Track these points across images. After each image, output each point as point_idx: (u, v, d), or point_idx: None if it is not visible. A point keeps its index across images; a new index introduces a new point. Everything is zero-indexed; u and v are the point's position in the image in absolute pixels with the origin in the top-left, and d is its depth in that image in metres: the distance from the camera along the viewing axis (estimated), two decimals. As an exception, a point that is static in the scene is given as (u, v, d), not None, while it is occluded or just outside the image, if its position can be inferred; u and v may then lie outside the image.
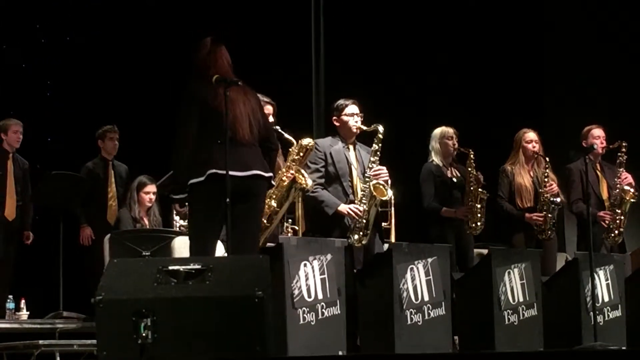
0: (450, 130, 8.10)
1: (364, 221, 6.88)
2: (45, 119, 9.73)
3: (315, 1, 10.28)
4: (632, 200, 8.31)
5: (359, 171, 7.04)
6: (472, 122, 9.77)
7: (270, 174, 5.76)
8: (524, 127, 8.30)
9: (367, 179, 6.97)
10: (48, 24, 9.96)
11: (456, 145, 8.08)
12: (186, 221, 7.21)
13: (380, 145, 7.02)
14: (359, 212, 6.86)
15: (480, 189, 7.94)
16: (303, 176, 6.49)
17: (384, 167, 7.03)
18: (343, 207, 6.89)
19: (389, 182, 7.10)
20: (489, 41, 10.54)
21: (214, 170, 5.50)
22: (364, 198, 6.92)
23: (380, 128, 7.01)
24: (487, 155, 8.46)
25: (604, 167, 8.47)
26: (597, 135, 8.39)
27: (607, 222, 8.28)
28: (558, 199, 8.07)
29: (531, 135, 8.20)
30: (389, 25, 10.44)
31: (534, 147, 8.16)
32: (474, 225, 7.90)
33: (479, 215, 7.89)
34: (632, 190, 8.29)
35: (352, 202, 6.95)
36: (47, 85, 9.99)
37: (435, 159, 8.09)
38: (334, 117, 7.17)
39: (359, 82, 9.61)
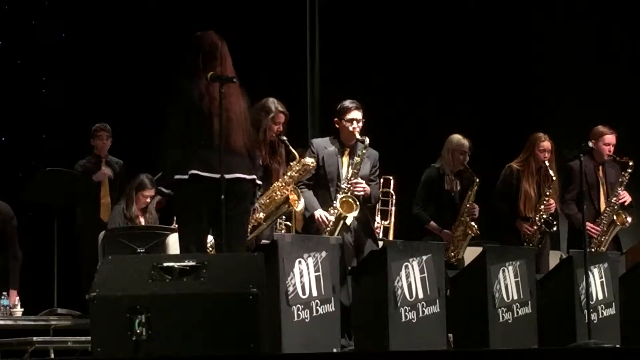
0: (466, 144, 7.95)
1: (328, 230, 6.81)
2: (41, 116, 9.71)
3: (310, 1, 10.27)
4: (620, 226, 8.23)
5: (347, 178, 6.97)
6: (472, 120, 9.74)
7: (254, 176, 5.68)
8: (523, 127, 8.21)
9: (342, 190, 6.89)
10: (43, 20, 9.94)
11: (467, 160, 7.96)
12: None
13: (362, 158, 6.91)
14: (326, 221, 6.83)
15: (472, 223, 7.89)
16: (298, 197, 6.48)
17: (363, 181, 6.93)
18: (317, 213, 6.85)
19: (375, 194, 7.03)
20: (489, 40, 10.52)
21: (195, 172, 5.48)
22: (332, 209, 6.87)
23: (367, 141, 6.91)
24: (486, 154, 8.43)
25: (606, 170, 8.35)
26: (608, 142, 8.24)
27: (594, 235, 8.20)
28: (553, 223, 8.01)
29: (546, 144, 8.05)
30: (386, 25, 10.41)
31: (545, 157, 8.04)
32: (452, 254, 7.86)
33: (459, 249, 7.88)
34: (623, 215, 8.19)
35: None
36: (43, 82, 9.97)
37: (442, 164, 8.03)
38: (335, 119, 7.09)
39: (355, 81, 9.60)
